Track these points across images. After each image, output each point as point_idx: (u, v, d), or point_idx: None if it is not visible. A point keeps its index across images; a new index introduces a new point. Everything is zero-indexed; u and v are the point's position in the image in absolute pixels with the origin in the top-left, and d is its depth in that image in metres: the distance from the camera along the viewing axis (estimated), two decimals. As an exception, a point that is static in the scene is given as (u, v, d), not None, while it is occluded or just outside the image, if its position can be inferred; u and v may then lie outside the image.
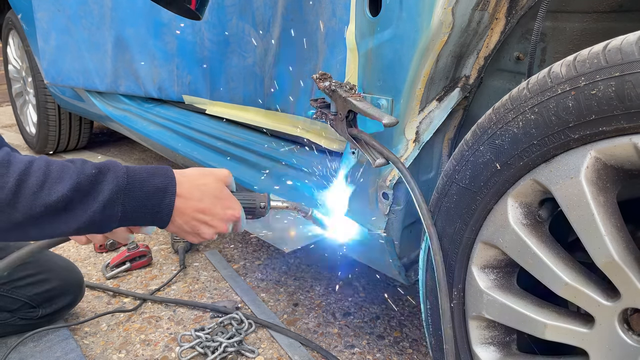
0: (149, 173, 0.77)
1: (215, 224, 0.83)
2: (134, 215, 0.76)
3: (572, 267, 0.69)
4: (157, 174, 0.78)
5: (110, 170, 0.74)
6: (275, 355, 1.27)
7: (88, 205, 0.71)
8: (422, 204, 0.85)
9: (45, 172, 0.70)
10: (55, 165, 0.72)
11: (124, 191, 0.74)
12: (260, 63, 1.43)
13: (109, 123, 2.28)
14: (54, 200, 0.69)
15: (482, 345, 0.83)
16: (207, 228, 0.83)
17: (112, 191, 0.73)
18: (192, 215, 0.81)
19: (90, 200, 0.72)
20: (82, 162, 0.74)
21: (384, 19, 0.87)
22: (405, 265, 1.06)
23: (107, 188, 0.72)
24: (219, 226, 0.84)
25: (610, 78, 0.58)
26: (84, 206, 0.71)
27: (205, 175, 0.84)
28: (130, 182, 0.75)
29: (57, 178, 0.70)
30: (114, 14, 1.91)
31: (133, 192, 0.75)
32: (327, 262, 1.74)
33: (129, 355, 1.28)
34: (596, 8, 0.83)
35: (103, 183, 0.73)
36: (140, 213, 0.76)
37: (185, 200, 0.80)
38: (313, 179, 1.23)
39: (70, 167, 0.72)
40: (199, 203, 0.81)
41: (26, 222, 0.69)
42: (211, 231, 0.84)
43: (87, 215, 0.71)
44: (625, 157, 0.60)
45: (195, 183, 0.81)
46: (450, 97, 0.92)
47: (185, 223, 0.81)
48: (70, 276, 1.35)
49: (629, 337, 0.64)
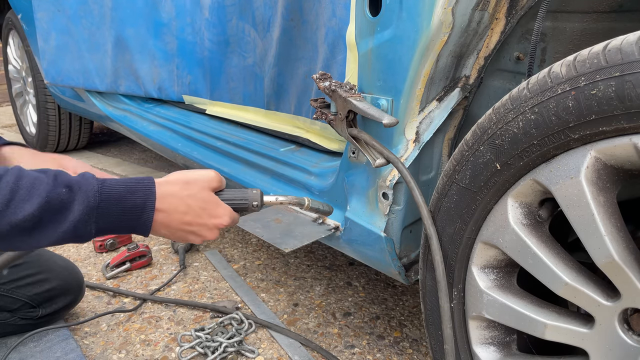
0: (127, 189, 0.75)
1: (203, 234, 0.83)
2: (111, 229, 0.75)
3: (572, 267, 0.69)
4: (136, 189, 0.76)
5: (81, 188, 0.72)
6: (275, 355, 1.27)
7: (59, 224, 0.70)
8: (422, 204, 0.85)
9: (12, 189, 0.68)
10: (26, 180, 0.70)
11: (96, 210, 0.72)
12: (260, 63, 1.43)
13: (109, 123, 2.28)
14: (21, 219, 0.67)
15: (482, 345, 0.83)
16: (195, 237, 0.83)
17: (82, 212, 0.71)
18: (177, 227, 0.80)
19: (60, 219, 0.70)
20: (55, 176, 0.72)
21: (384, 19, 0.87)
22: (405, 265, 1.06)
23: (77, 208, 0.71)
24: (207, 235, 0.83)
25: (611, 78, 0.58)
26: (54, 225, 0.70)
27: (190, 185, 0.82)
28: (103, 200, 0.73)
29: (26, 196, 0.68)
30: (114, 14, 1.91)
31: (107, 210, 0.73)
32: (327, 262, 1.74)
33: (129, 355, 1.28)
34: (596, 8, 0.83)
35: (73, 203, 0.71)
36: (117, 228, 0.75)
37: (169, 215, 0.79)
38: (313, 178, 1.23)
39: (42, 183, 0.70)
40: (184, 216, 0.80)
41: None
42: (198, 240, 0.84)
43: (58, 234, 0.71)
44: (625, 157, 0.60)
45: (179, 195, 0.80)
46: (450, 97, 0.92)
47: (172, 234, 0.81)
48: (71, 276, 1.34)
49: (629, 337, 0.64)
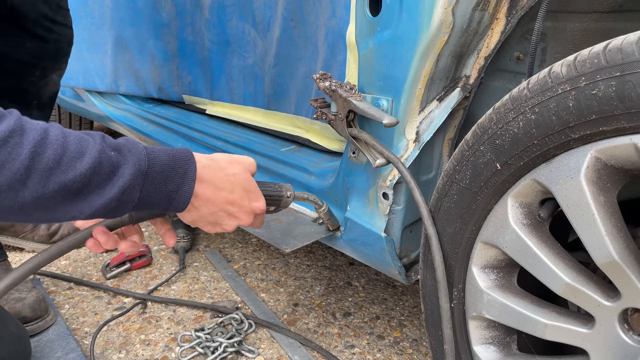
0: (169, 157, 0.69)
1: (240, 217, 0.79)
2: (149, 202, 0.68)
3: (573, 267, 0.69)
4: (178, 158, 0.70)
5: (131, 151, 0.65)
6: (275, 355, 1.27)
7: (106, 189, 0.62)
8: (422, 204, 0.85)
9: (63, 144, 0.59)
10: (73, 136, 0.61)
11: (144, 176, 0.65)
12: (260, 63, 1.43)
13: (109, 123, 2.28)
14: (70, 179, 0.59)
15: (482, 345, 0.83)
16: (231, 220, 0.79)
17: (132, 176, 0.64)
18: (221, 206, 0.76)
19: (108, 183, 0.62)
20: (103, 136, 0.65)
21: (384, 19, 0.87)
22: (406, 266, 1.06)
23: (127, 172, 0.63)
24: (244, 219, 0.80)
25: (611, 78, 0.58)
26: (101, 190, 0.62)
27: (234, 164, 0.79)
28: (150, 165, 0.66)
29: (77, 153, 0.60)
30: (114, 14, 1.91)
31: (152, 177, 0.66)
32: (327, 262, 1.74)
33: (129, 355, 1.28)
34: (596, 8, 0.83)
35: (123, 167, 0.63)
36: (156, 200, 0.68)
37: (217, 191, 0.75)
38: (313, 178, 1.23)
39: (90, 142, 0.62)
40: (230, 194, 0.76)
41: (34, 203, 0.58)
42: (234, 223, 0.80)
43: (103, 201, 0.62)
44: (625, 157, 0.60)
45: (226, 172, 0.76)
46: (450, 97, 0.92)
47: (212, 214, 0.76)
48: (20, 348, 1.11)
49: (629, 337, 0.64)
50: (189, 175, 0.70)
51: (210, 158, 0.77)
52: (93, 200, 0.62)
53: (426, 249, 0.88)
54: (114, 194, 0.63)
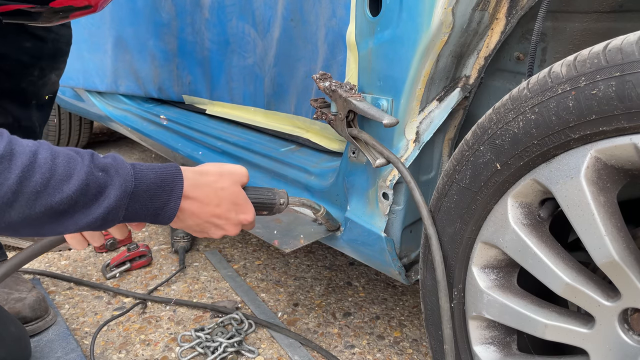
0: (156, 175, 0.71)
1: (227, 228, 0.82)
2: (135, 217, 0.71)
3: (572, 267, 0.69)
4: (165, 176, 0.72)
5: (118, 172, 0.67)
6: (275, 355, 1.27)
7: (92, 209, 0.65)
8: (422, 204, 0.85)
9: (51, 168, 0.61)
10: (62, 158, 0.63)
11: (130, 196, 0.67)
12: (260, 63, 1.43)
13: (109, 123, 2.28)
14: (57, 202, 0.61)
15: (482, 345, 0.83)
16: (218, 230, 0.82)
17: (117, 197, 0.66)
18: (206, 219, 0.78)
19: (94, 204, 0.65)
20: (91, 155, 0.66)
21: (384, 19, 0.87)
22: (406, 266, 1.06)
23: (113, 194, 0.66)
24: (230, 230, 0.82)
25: (611, 78, 0.58)
26: (86, 210, 0.64)
27: (224, 177, 0.80)
28: (137, 185, 0.68)
29: (64, 176, 0.62)
30: (114, 14, 1.91)
31: (138, 196, 0.69)
32: (327, 262, 1.74)
33: (129, 355, 1.28)
34: (596, 8, 0.83)
35: (110, 187, 0.66)
36: (142, 216, 0.71)
37: (202, 205, 0.77)
38: (313, 178, 1.23)
39: (78, 162, 0.64)
40: (216, 208, 0.79)
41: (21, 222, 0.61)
42: (220, 233, 0.82)
43: (88, 220, 0.65)
44: (625, 157, 0.60)
45: (213, 187, 0.78)
46: (450, 97, 0.92)
47: (197, 225, 0.79)
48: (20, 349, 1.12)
49: (629, 337, 0.64)
50: (176, 192, 0.73)
51: (199, 172, 0.78)
52: (79, 218, 0.64)
53: (426, 249, 0.88)
54: (99, 214, 0.65)
